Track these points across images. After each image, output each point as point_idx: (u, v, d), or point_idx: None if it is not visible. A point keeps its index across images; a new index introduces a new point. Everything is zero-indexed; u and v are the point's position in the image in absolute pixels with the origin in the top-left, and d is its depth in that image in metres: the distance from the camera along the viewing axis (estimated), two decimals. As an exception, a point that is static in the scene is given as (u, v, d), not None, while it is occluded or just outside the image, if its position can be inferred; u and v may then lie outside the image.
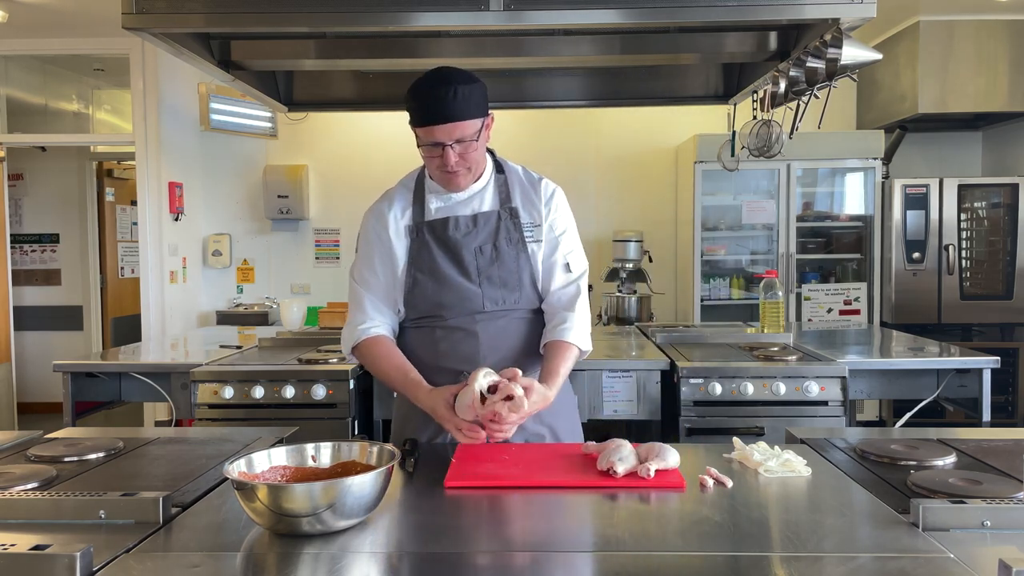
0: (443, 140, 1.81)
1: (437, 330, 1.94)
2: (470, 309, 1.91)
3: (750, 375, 2.98)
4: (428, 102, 1.80)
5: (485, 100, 1.85)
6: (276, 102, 3.65)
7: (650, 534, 1.32)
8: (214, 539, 1.30)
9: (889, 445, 1.75)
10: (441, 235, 1.92)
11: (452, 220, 1.92)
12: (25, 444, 1.85)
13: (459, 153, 1.82)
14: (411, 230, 1.95)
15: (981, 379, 3.06)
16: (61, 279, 7.08)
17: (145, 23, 2.36)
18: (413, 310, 1.96)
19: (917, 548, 1.20)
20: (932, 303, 5.37)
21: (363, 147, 6.23)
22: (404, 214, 1.98)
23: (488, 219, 1.93)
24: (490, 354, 1.90)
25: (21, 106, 6.23)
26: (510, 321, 1.94)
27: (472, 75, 1.84)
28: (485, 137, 1.88)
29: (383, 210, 2.00)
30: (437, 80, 1.80)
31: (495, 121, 1.92)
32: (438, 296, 1.92)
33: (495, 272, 1.91)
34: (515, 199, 1.96)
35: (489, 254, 1.91)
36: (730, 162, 4.45)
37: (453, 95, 1.77)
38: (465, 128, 1.80)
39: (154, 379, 3.18)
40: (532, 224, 1.95)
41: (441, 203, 1.95)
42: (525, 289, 1.93)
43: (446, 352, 1.92)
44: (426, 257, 1.92)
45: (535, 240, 1.94)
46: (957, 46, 5.28)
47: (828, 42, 2.62)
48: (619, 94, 3.84)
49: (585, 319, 1.95)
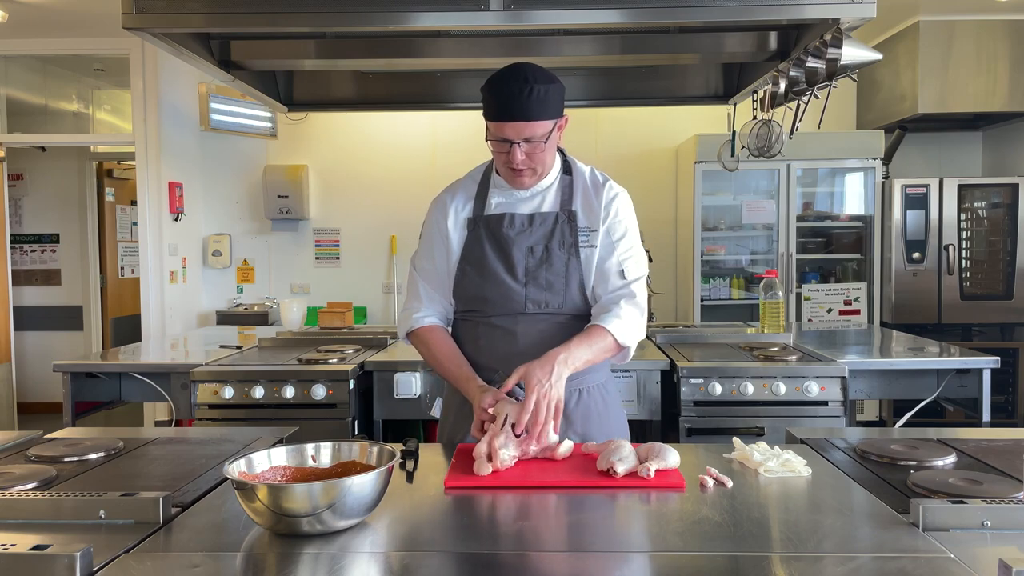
0: (512, 138, 1.79)
1: (480, 325, 1.94)
2: (512, 308, 1.90)
3: (750, 375, 2.98)
4: (502, 97, 1.77)
5: (561, 101, 1.84)
6: (276, 102, 3.65)
7: (650, 534, 1.32)
8: (214, 539, 1.29)
9: (889, 445, 1.75)
10: (495, 231, 1.91)
11: (508, 217, 1.91)
12: (25, 444, 1.85)
13: (526, 152, 1.81)
14: (470, 223, 1.95)
15: (981, 379, 3.06)
16: (61, 279, 7.08)
17: (145, 23, 2.36)
18: (460, 301, 1.97)
19: (917, 548, 1.20)
20: (932, 303, 5.37)
21: (363, 147, 6.23)
22: (466, 206, 1.97)
23: (545, 220, 1.91)
24: (528, 357, 1.84)
25: (21, 106, 6.23)
26: (551, 325, 1.91)
27: (551, 74, 1.82)
28: (556, 138, 1.87)
29: (446, 201, 1.99)
30: (515, 76, 1.78)
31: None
32: (481, 290, 1.91)
33: (542, 274, 1.89)
34: (576, 202, 1.94)
35: (540, 255, 1.89)
36: (730, 162, 4.45)
37: (528, 93, 1.75)
38: (535, 128, 1.79)
39: (154, 379, 3.19)
40: (589, 228, 1.92)
41: (502, 199, 1.94)
42: (571, 293, 1.90)
43: (485, 348, 1.92)
44: (477, 251, 1.92)
45: (589, 245, 1.91)
46: (957, 46, 5.28)
47: (828, 42, 2.62)
48: (619, 94, 3.84)
49: (632, 317, 1.88)
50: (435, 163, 6.13)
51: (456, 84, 3.78)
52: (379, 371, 3.17)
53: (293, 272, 6.36)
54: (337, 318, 4.18)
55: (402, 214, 6.19)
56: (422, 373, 3.14)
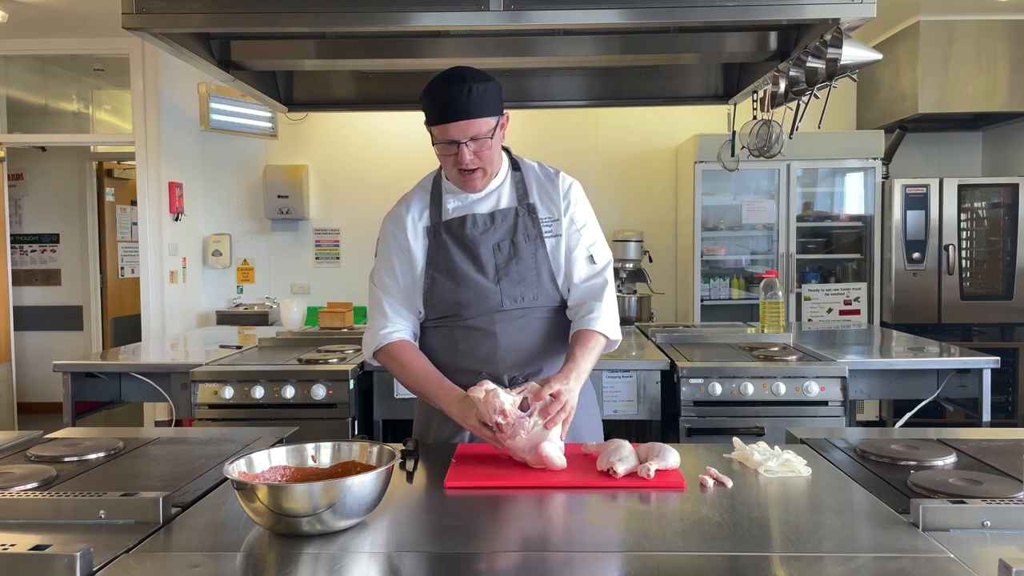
0: (457, 138, 1.81)
1: (456, 330, 1.94)
2: (489, 308, 1.90)
3: (750, 375, 2.98)
4: (442, 100, 1.80)
5: (500, 99, 1.86)
6: (276, 102, 3.65)
7: (650, 534, 1.31)
8: (214, 539, 1.30)
9: (889, 445, 1.75)
10: (458, 234, 1.92)
11: (470, 218, 1.92)
12: (25, 444, 1.85)
13: (474, 151, 1.83)
14: (429, 231, 1.95)
15: (981, 379, 3.06)
16: (61, 279, 7.08)
17: (145, 23, 2.36)
18: (432, 310, 1.96)
19: (917, 548, 1.20)
20: (932, 303, 5.36)
21: (363, 147, 6.23)
22: (422, 216, 1.98)
23: (506, 216, 1.93)
24: (509, 354, 1.90)
25: (21, 106, 6.23)
26: (529, 321, 1.93)
27: (487, 74, 1.85)
28: (500, 136, 1.88)
29: (401, 213, 2.00)
30: (451, 78, 1.81)
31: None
32: (456, 295, 1.91)
33: (513, 268, 1.90)
34: (532, 195, 1.96)
35: (507, 251, 1.91)
36: (730, 162, 4.45)
37: (468, 93, 1.78)
38: (479, 126, 1.81)
39: (154, 379, 3.18)
40: (550, 219, 1.94)
41: (458, 202, 1.95)
42: (544, 285, 1.92)
43: (465, 352, 1.92)
44: (444, 257, 1.93)
45: (553, 235, 1.94)
46: (957, 46, 5.28)
47: (828, 42, 2.62)
48: (619, 94, 3.84)
49: (612, 308, 1.94)
50: (435, 163, 6.11)
51: (456, 84, 3.77)
52: (379, 371, 3.17)
53: (293, 272, 6.36)
54: (337, 318, 4.18)
55: (402, 214, 6.18)
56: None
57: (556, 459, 1.62)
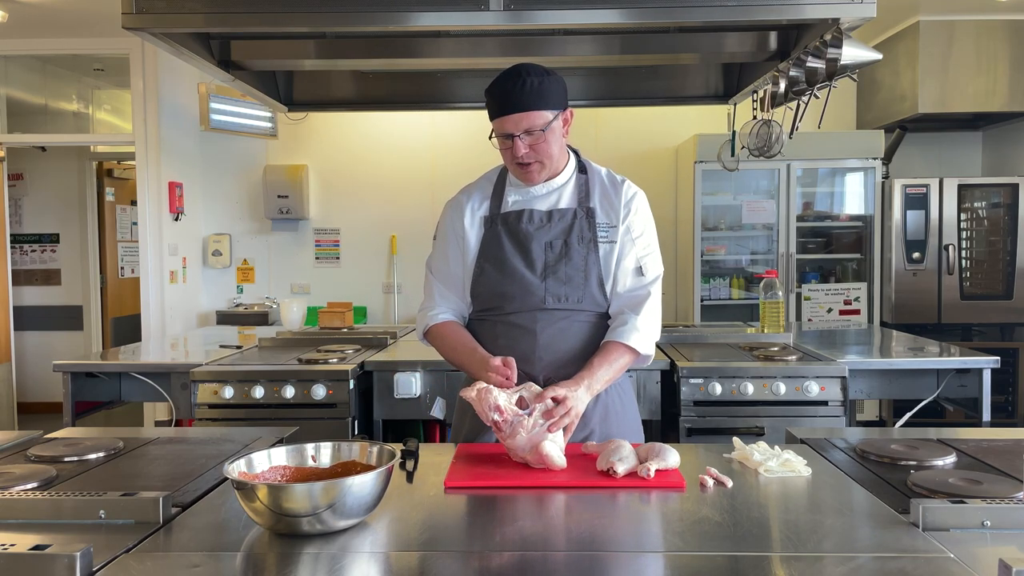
0: (511, 131, 1.82)
1: (498, 324, 1.94)
2: (532, 304, 1.90)
3: (750, 375, 2.98)
4: (498, 94, 1.83)
5: (561, 94, 1.86)
6: (276, 102, 3.65)
7: (650, 534, 1.31)
8: (214, 539, 1.30)
9: (889, 445, 1.75)
10: (513, 227, 1.93)
11: (527, 213, 1.93)
12: (25, 444, 1.85)
13: (529, 144, 1.84)
14: (486, 221, 1.96)
15: (981, 379, 3.06)
16: (61, 279, 7.08)
17: (145, 23, 2.36)
18: (477, 300, 1.97)
19: (917, 548, 1.20)
20: (932, 303, 5.36)
21: (363, 147, 6.23)
22: (482, 206, 1.99)
23: (563, 216, 1.93)
24: (547, 354, 1.88)
25: (21, 106, 6.23)
26: (571, 323, 1.91)
27: (546, 69, 1.86)
28: (562, 131, 1.89)
29: (461, 202, 2.01)
30: (509, 74, 1.83)
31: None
32: (501, 286, 1.91)
33: (561, 268, 1.90)
34: (594, 199, 1.96)
35: (559, 250, 1.90)
36: (730, 162, 4.45)
37: (522, 86, 1.79)
38: (533, 119, 1.81)
39: (154, 379, 3.18)
40: (608, 225, 1.94)
41: (519, 196, 1.96)
42: (590, 288, 1.91)
43: (504, 347, 1.90)
44: (495, 247, 1.93)
45: (608, 241, 1.93)
46: (957, 46, 5.28)
47: (828, 42, 2.62)
48: (619, 94, 3.84)
49: (650, 323, 1.92)
50: (435, 163, 6.13)
51: (456, 84, 3.78)
52: (379, 371, 3.17)
53: (293, 272, 6.36)
54: (337, 318, 4.18)
55: (402, 214, 6.20)
56: (422, 373, 3.14)
57: (556, 459, 1.62)
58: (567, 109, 1.88)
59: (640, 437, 2.03)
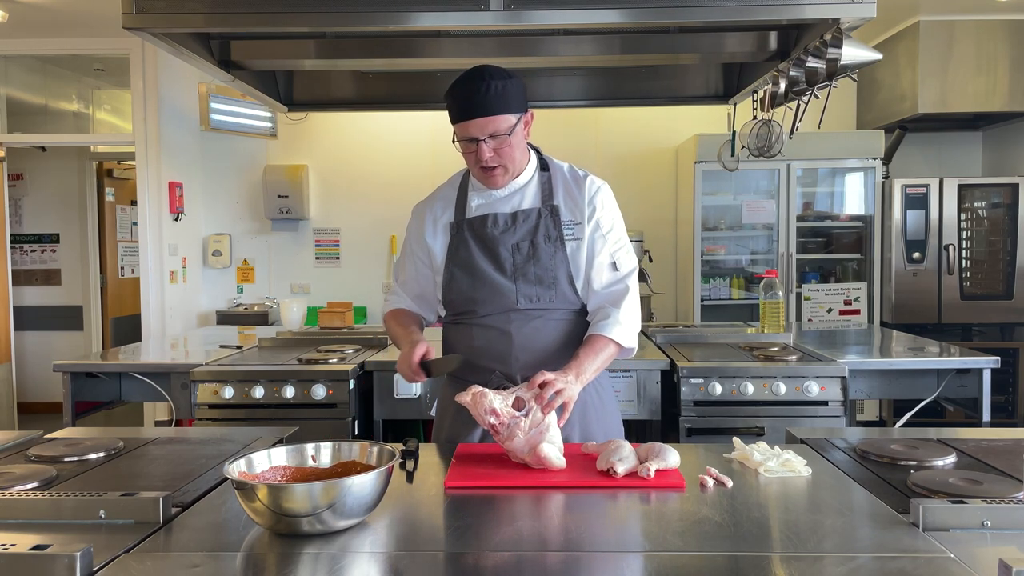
0: (476, 135, 1.83)
1: (473, 327, 1.95)
2: (504, 306, 1.91)
3: (750, 375, 2.98)
4: (461, 98, 1.82)
5: (522, 97, 1.86)
6: (276, 102, 3.65)
7: (650, 534, 1.31)
8: (214, 539, 1.30)
9: (889, 445, 1.75)
10: (479, 231, 1.94)
11: (491, 217, 1.93)
12: (25, 444, 1.85)
13: (493, 148, 1.84)
14: (452, 227, 1.98)
15: (981, 379, 3.06)
16: (61, 279, 7.08)
17: (145, 23, 2.35)
18: (450, 305, 1.99)
19: (917, 548, 1.20)
20: (932, 303, 5.36)
21: (363, 147, 6.23)
22: (445, 212, 2.00)
23: (528, 216, 1.93)
24: (523, 354, 1.90)
25: (21, 106, 6.22)
26: (545, 322, 1.92)
27: (508, 72, 1.86)
28: (523, 134, 1.89)
29: (423, 209, 2.05)
30: (471, 77, 1.83)
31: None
32: (472, 291, 1.93)
33: (531, 269, 1.91)
34: (557, 196, 1.96)
35: (526, 251, 1.91)
36: (730, 162, 4.45)
37: (485, 90, 1.79)
38: (498, 123, 1.82)
39: (154, 379, 3.18)
40: (573, 222, 1.94)
41: (482, 200, 1.97)
42: (561, 287, 1.92)
43: (480, 350, 1.92)
44: (463, 253, 1.94)
45: (575, 238, 1.93)
46: (957, 46, 5.28)
47: (828, 42, 2.62)
48: (619, 94, 3.84)
49: (631, 316, 1.93)
50: (435, 163, 6.13)
51: (456, 84, 3.77)
52: (379, 371, 3.17)
53: (293, 272, 6.36)
54: (337, 318, 4.18)
55: (402, 214, 6.07)
56: (422, 373, 3.13)
57: (555, 459, 1.62)
58: (528, 111, 1.89)
59: (620, 434, 2.04)
